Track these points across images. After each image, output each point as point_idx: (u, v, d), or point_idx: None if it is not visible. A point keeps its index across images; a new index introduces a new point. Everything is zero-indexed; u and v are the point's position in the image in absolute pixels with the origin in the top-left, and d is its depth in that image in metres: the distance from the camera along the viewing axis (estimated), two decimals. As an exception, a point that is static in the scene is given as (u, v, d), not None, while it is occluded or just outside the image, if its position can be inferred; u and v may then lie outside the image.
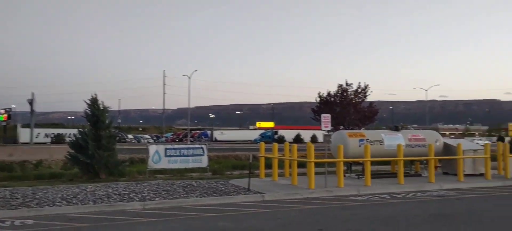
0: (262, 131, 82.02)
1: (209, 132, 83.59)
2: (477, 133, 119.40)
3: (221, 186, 13.98)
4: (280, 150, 17.21)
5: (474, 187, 14.59)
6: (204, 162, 16.43)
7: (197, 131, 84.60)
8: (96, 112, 17.12)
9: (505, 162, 16.84)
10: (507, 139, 18.38)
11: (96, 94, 17.53)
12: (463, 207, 11.02)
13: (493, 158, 17.71)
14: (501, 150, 17.12)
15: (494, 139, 59.32)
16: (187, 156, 16.45)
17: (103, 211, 10.34)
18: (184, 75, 63.33)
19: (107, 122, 17.46)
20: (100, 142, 16.77)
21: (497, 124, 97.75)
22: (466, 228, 8.41)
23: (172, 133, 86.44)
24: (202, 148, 17.09)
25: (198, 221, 9.29)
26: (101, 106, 17.41)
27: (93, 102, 17.36)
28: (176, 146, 17.48)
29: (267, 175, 16.48)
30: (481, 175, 16.78)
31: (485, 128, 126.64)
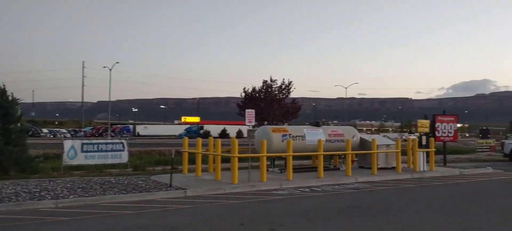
0: (188, 126, 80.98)
1: (131, 126, 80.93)
2: (390, 129, 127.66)
3: (142, 182, 13.57)
4: (204, 145, 17.09)
5: (386, 180, 15.55)
6: (124, 157, 15.88)
7: (119, 126, 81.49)
8: (4, 105, 15.78)
9: (414, 156, 18.13)
10: (416, 134, 19.85)
11: (4, 85, 16.18)
12: (375, 199, 11.68)
13: (404, 152, 19.03)
14: (410, 145, 18.39)
15: (406, 134, 63.81)
16: (106, 151, 15.82)
17: (11, 210, 9.58)
18: (104, 67, 60.62)
19: (17, 114, 16.18)
20: (9, 136, 15.51)
21: (408, 120, 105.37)
22: (376, 218, 8.91)
23: (92, 127, 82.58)
24: (122, 143, 16.49)
25: (115, 219, 8.93)
26: (10, 98, 16.10)
27: (1, 93, 16.00)
28: (94, 141, 16.71)
29: (190, 171, 16.29)
30: (393, 168, 17.93)
31: (398, 124, 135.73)
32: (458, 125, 29.31)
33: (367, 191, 13.01)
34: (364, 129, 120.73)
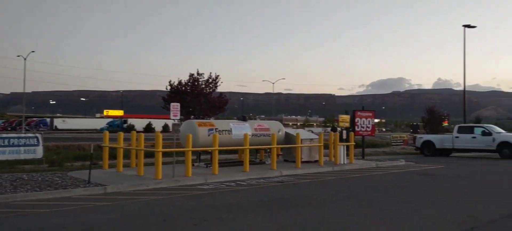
0: (110, 120, 77.87)
1: (48, 119, 76.18)
2: (315, 124, 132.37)
3: (58, 178, 12.79)
4: (128, 139, 16.50)
5: (309, 173, 16.05)
6: (38, 152, 14.87)
7: (34, 119, 76.33)
8: None
9: (335, 150, 18.90)
10: (339, 129, 20.85)
11: None
12: (298, 191, 12.00)
13: (327, 146, 19.77)
14: (332, 139, 19.14)
15: (329, 129, 66.45)
16: (18, 146, 14.70)
17: None
18: (18, 56, 56.29)
19: None
20: None
21: (331, 116, 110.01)
22: (298, 209, 9.15)
23: (3, 120, 76.64)
24: (37, 137, 15.42)
25: (28, 218, 8.31)
26: None
27: None
28: (4, 135, 15.44)
29: (111, 166, 15.65)
30: (316, 161, 18.56)
31: (322, 119, 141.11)
32: (376, 120, 30.95)
33: (291, 184, 13.33)
34: (290, 123, 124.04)
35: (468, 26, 35.18)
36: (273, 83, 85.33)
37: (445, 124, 52.78)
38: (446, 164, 20.97)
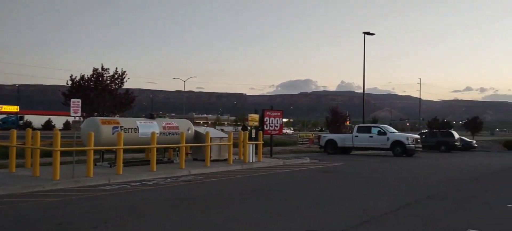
0: (3, 116, 71.27)
1: None
2: (226, 122, 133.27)
3: None
4: (22, 137, 15.18)
5: (218, 171, 16.09)
6: None
7: None
8: None
9: (244, 148, 19.16)
10: (249, 127, 21.19)
11: None
12: (206, 190, 11.96)
13: (236, 145, 19.97)
14: (241, 138, 19.38)
15: (240, 128, 67.32)
16: None
17: None
18: None
19: None
20: None
21: (242, 115, 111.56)
22: (206, 208, 9.12)
23: None
24: None
25: None
26: None
27: None
28: None
29: (3, 166, 14.32)
30: (225, 160, 18.66)
31: (233, 118, 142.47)
32: (284, 120, 31.94)
33: (199, 183, 13.24)
34: (201, 122, 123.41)
35: (368, 33, 37.83)
36: (184, 81, 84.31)
37: (347, 123, 56.26)
38: (346, 162, 22.33)
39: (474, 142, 41.45)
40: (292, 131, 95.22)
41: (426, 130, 46.56)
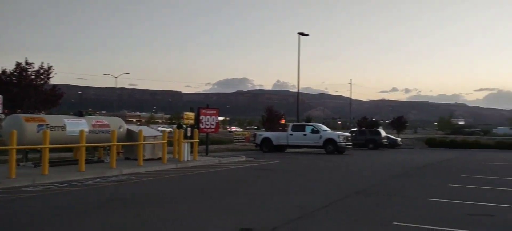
0: None
1: None
2: (161, 121, 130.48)
3: None
4: None
5: (151, 171, 15.69)
6: None
7: None
8: None
9: (179, 147, 18.86)
10: (184, 126, 20.86)
11: None
12: (139, 190, 11.62)
13: (171, 143, 19.60)
14: (176, 136, 19.06)
15: (175, 126, 66.15)
16: None
17: None
18: None
19: None
20: None
21: (177, 113, 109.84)
22: (138, 208, 8.85)
23: None
24: None
25: None
26: None
27: None
28: None
29: None
30: (159, 159, 18.24)
31: (168, 116, 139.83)
32: (220, 118, 31.90)
33: (131, 183, 12.84)
34: (134, 120, 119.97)
35: (302, 34, 38.76)
36: (116, 77, 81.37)
37: (282, 122, 57.27)
38: (281, 159, 22.73)
39: (400, 139, 43.88)
40: (236, 129, 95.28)
41: (356, 129, 48.61)
